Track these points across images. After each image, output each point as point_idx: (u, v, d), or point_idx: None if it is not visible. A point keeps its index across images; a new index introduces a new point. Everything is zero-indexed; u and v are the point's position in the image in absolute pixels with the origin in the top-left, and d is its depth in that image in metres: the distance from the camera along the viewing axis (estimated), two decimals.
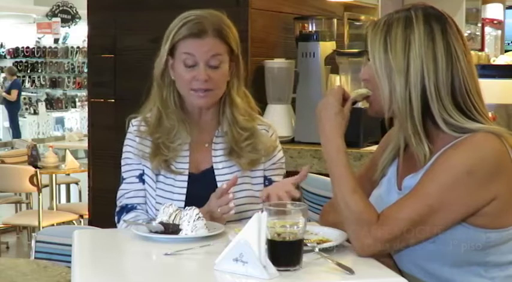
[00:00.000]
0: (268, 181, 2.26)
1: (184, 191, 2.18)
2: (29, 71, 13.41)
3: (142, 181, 2.22)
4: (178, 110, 2.21)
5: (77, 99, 13.10)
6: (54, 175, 6.15)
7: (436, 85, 1.73)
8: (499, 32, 8.17)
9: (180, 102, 2.22)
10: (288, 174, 2.34)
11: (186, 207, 1.90)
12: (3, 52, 13.54)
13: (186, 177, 2.18)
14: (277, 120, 3.39)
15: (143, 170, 2.22)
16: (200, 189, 2.14)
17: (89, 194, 3.96)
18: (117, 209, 2.24)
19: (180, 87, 2.19)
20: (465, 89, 1.74)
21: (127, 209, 2.21)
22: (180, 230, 1.86)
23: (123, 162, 2.26)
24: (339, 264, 1.59)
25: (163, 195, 2.18)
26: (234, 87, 2.23)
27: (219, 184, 2.16)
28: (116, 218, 2.23)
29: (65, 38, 13.30)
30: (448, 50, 1.74)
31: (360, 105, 3.31)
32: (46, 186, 6.15)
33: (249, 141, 2.22)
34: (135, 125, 2.26)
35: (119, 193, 2.25)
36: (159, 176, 2.20)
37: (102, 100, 3.86)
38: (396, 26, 1.76)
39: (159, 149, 2.18)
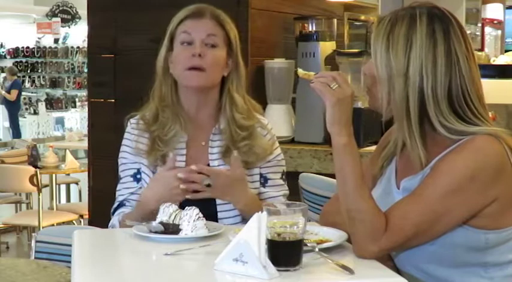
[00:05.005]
0: (263, 179, 2.26)
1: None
2: (29, 71, 13.42)
3: (137, 180, 2.23)
4: (175, 105, 2.24)
5: (77, 99, 13.12)
6: (54, 175, 6.15)
7: (433, 88, 1.71)
8: (499, 32, 8.18)
9: (177, 99, 2.25)
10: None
11: (186, 207, 1.90)
12: (3, 52, 13.56)
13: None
14: (277, 120, 3.39)
15: (139, 168, 2.23)
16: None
17: (89, 194, 3.96)
18: (112, 209, 2.28)
19: (176, 70, 2.21)
20: (462, 93, 1.73)
21: (119, 206, 2.24)
22: (180, 230, 1.86)
23: (119, 161, 2.29)
24: (339, 264, 1.58)
25: None
26: (233, 84, 2.24)
27: None
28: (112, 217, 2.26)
29: (65, 38, 13.32)
30: (448, 53, 1.72)
31: (359, 104, 3.32)
32: (46, 186, 6.15)
33: (247, 141, 2.22)
34: (133, 123, 2.28)
35: (116, 193, 2.28)
36: (156, 173, 2.20)
37: (102, 100, 3.86)
38: (400, 26, 1.74)
39: (155, 144, 2.20)
